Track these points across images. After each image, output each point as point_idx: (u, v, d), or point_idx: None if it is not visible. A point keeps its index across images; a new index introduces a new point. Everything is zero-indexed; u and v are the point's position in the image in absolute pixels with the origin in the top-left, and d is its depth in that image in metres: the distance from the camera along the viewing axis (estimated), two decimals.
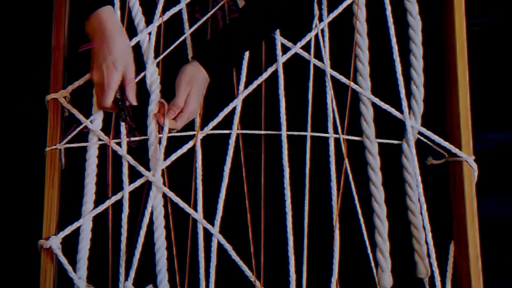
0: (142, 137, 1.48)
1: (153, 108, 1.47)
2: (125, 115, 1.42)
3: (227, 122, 1.50)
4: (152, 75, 1.50)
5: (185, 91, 1.45)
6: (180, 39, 1.53)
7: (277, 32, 1.53)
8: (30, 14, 1.68)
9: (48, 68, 1.51)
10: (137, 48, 1.50)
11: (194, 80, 1.45)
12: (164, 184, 1.46)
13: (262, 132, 1.49)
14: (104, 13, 1.42)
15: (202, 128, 1.49)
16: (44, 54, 1.53)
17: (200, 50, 1.49)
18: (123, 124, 1.48)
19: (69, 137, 1.48)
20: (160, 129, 1.47)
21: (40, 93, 1.51)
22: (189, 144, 1.48)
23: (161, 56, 1.52)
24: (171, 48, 1.52)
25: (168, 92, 1.47)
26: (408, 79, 1.52)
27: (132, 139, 1.48)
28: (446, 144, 1.49)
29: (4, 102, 1.65)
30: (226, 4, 1.55)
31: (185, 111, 1.45)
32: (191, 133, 1.49)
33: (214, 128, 1.49)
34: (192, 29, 1.53)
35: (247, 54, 1.52)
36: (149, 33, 1.52)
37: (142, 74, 1.50)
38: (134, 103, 1.44)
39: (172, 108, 1.46)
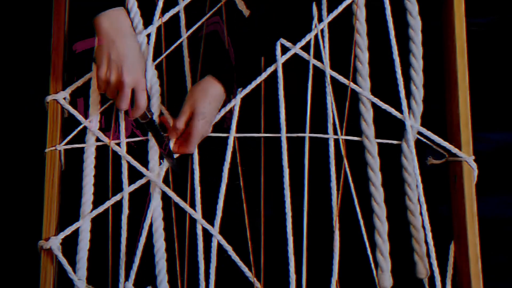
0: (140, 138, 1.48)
1: (154, 111, 1.48)
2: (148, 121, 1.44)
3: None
4: (152, 78, 1.51)
5: (186, 112, 1.42)
6: (180, 41, 1.53)
7: None
8: (30, 15, 1.68)
9: (47, 69, 1.51)
10: None
11: (201, 99, 1.41)
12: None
13: (261, 135, 1.49)
14: (119, 13, 1.43)
15: None
16: (44, 55, 1.53)
17: (214, 64, 1.45)
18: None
19: (69, 138, 1.48)
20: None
21: (40, 94, 1.51)
22: None
23: (160, 58, 1.52)
24: (170, 50, 1.52)
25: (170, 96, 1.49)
26: (408, 79, 1.52)
27: (132, 139, 1.48)
28: (446, 144, 1.49)
29: (4, 103, 1.65)
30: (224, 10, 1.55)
31: (191, 133, 1.42)
32: None
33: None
34: (189, 32, 1.53)
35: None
36: (148, 35, 1.53)
37: None
38: (144, 106, 1.43)
39: (173, 131, 1.44)
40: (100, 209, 1.45)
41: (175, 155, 1.47)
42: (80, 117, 1.49)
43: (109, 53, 1.40)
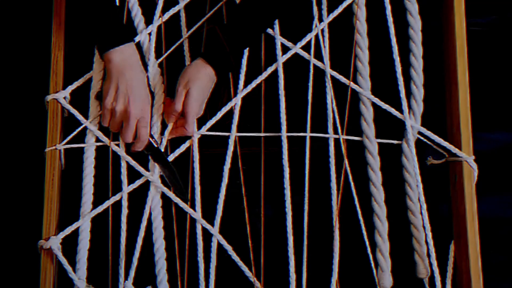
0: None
1: (157, 109, 1.48)
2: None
3: (226, 121, 1.50)
4: (155, 76, 1.51)
5: (181, 94, 1.44)
6: (181, 40, 1.53)
7: (277, 32, 1.53)
8: (30, 14, 1.68)
9: (47, 69, 1.51)
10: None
11: (193, 80, 1.43)
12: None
13: (262, 134, 1.49)
14: (129, 48, 1.44)
15: (199, 127, 1.49)
16: (44, 55, 1.53)
17: (205, 47, 1.48)
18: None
19: (69, 138, 1.48)
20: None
21: (40, 94, 1.51)
22: (186, 144, 1.48)
23: (162, 57, 1.52)
24: (172, 48, 1.52)
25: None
26: (408, 79, 1.52)
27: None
28: (446, 144, 1.49)
29: (4, 103, 1.65)
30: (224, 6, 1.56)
31: (187, 115, 1.44)
32: None
33: (212, 128, 1.49)
34: (191, 31, 1.54)
35: (246, 52, 1.52)
36: (149, 34, 1.53)
37: None
38: (146, 139, 1.44)
39: (171, 113, 1.45)
40: (100, 209, 1.45)
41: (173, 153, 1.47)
42: (80, 117, 1.49)
43: (118, 84, 1.42)
